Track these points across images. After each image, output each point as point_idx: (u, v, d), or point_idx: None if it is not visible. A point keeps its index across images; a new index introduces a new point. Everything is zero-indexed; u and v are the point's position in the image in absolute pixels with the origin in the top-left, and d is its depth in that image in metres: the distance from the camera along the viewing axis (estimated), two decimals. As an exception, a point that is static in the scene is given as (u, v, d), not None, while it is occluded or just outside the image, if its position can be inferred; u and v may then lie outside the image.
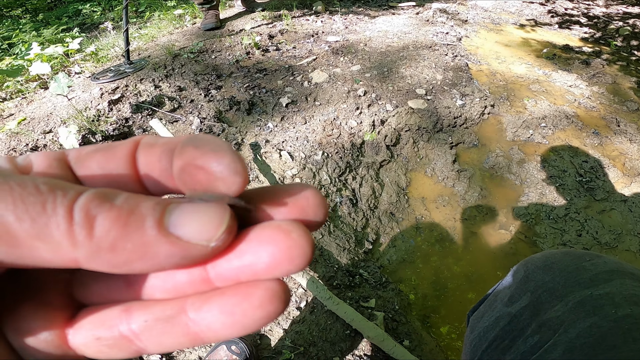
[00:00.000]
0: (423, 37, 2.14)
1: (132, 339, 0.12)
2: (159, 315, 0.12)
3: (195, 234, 0.11)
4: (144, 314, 0.12)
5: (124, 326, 0.12)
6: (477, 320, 0.48)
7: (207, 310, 0.12)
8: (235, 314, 0.12)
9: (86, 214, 0.10)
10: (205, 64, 2.00)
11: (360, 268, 1.20)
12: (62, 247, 0.10)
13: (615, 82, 1.97)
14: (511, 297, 0.44)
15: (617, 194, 1.42)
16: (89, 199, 0.11)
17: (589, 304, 0.36)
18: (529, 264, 0.46)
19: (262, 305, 0.12)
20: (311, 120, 1.53)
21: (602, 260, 0.41)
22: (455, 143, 1.56)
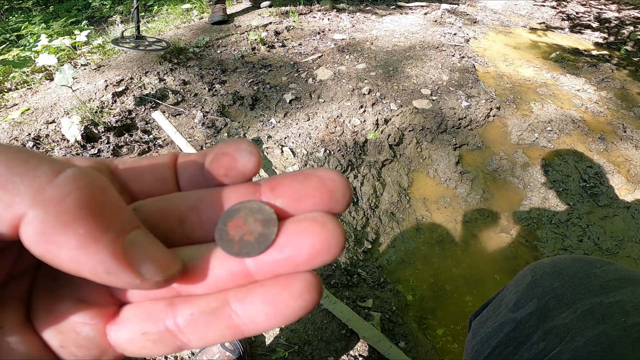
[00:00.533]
0: (430, 37, 2.12)
1: (177, 333, 0.13)
2: (204, 308, 0.13)
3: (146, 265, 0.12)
4: (189, 308, 0.13)
5: (169, 320, 0.13)
6: (479, 325, 0.47)
7: (250, 302, 0.12)
8: (277, 304, 0.12)
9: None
10: (211, 58, 2.00)
11: (358, 267, 1.19)
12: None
13: (624, 88, 1.94)
14: (517, 303, 0.43)
15: (620, 201, 1.41)
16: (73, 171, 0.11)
17: (598, 312, 0.35)
18: (537, 269, 0.45)
19: (302, 295, 0.12)
20: (314, 117, 1.53)
21: (613, 268, 0.40)
22: (459, 144, 1.55)
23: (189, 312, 0.13)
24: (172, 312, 0.13)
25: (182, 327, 0.13)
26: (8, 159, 0.10)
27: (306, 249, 0.12)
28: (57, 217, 0.10)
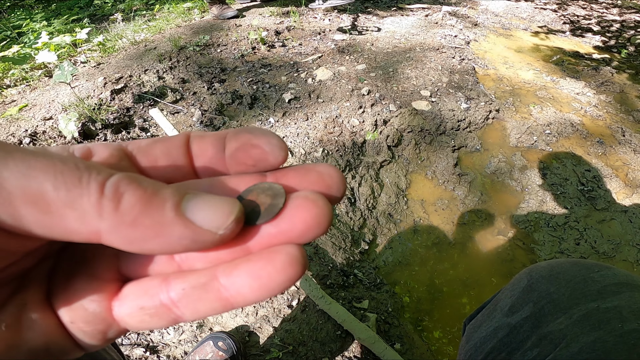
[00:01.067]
0: (431, 39, 2.12)
1: (171, 307, 0.14)
2: (194, 283, 0.13)
3: (207, 220, 0.12)
4: (181, 283, 0.13)
5: (164, 295, 0.14)
6: (474, 330, 0.46)
7: (236, 275, 0.13)
8: (261, 278, 0.13)
9: (116, 190, 0.12)
10: (211, 57, 2.00)
11: (355, 268, 1.19)
12: (89, 216, 0.11)
13: (623, 91, 1.94)
14: (512, 307, 0.42)
15: (617, 205, 1.40)
16: (120, 178, 0.12)
17: (594, 318, 0.34)
18: (533, 273, 0.44)
19: (285, 269, 0.13)
20: (313, 117, 1.53)
21: (611, 272, 0.39)
22: (457, 146, 1.55)
23: (181, 287, 0.13)
24: (166, 287, 0.14)
25: (175, 301, 0.13)
26: (66, 182, 0.11)
27: (300, 224, 0.13)
28: (129, 224, 0.12)
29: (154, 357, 0.90)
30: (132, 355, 0.89)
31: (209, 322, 0.98)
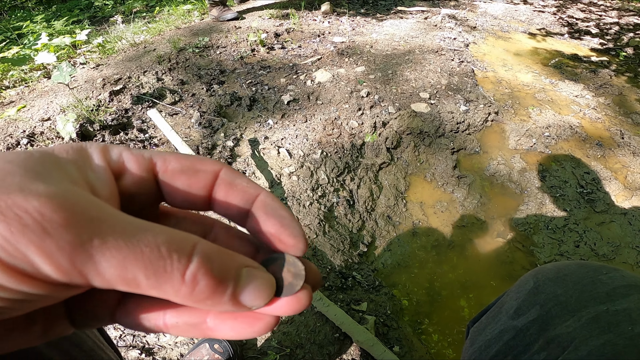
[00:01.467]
0: (430, 41, 2.13)
1: (163, 328, 0.17)
2: (187, 321, 0.16)
3: (250, 301, 0.16)
4: (176, 318, 0.16)
5: (159, 321, 0.17)
6: (478, 333, 0.45)
7: (222, 328, 0.16)
8: (240, 334, 0.17)
9: (194, 279, 0.14)
10: (210, 59, 2.00)
11: (353, 270, 1.18)
12: (168, 295, 0.14)
13: (622, 94, 1.94)
14: (518, 310, 0.41)
15: (617, 207, 1.40)
16: (198, 267, 0.14)
17: (604, 320, 0.34)
18: (539, 275, 0.43)
19: (260, 331, 0.17)
20: (312, 119, 1.52)
21: (619, 274, 0.38)
22: (456, 149, 1.54)
23: (175, 321, 0.16)
24: (163, 316, 0.16)
25: (167, 327, 0.17)
26: (155, 271, 0.14)
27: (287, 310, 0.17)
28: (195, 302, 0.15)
29: (149, 359, 0.89)
30: (128, 357, 0.88)
31: None
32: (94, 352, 0.38)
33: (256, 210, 0.17)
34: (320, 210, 1.25)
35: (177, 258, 0.14)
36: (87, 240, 0.12)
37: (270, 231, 0.17)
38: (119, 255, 0.13)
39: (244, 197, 0.18)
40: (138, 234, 0.13)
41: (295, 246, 0.17)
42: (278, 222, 0.17)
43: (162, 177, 0.17)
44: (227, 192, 0.18)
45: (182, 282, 0.14)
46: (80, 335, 0.37)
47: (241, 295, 0.15)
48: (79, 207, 0.13)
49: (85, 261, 0.12)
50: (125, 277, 0.13)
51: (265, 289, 0.16)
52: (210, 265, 0.14)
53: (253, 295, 0.15)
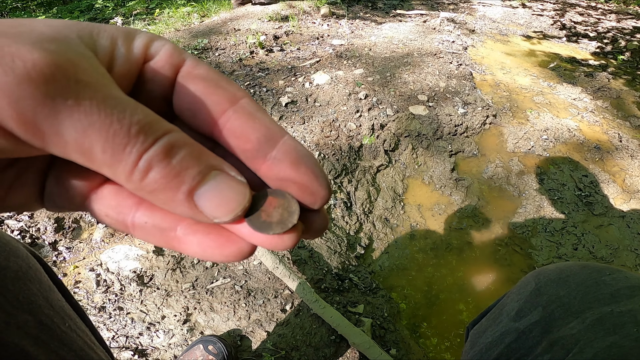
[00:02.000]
0: (428, 44, 2.13)
1: (129, 227, 0.15)
2: (156, 223, 0.15)
3: (209, 209, 0.14)
4: (146, 217, 0.15)
5: (129, 217, 0.15)
6: (478, 335, 0.45)
7: (189, 240, 0.15)
8: (207, 253, 0.15)
9: (148, 165, 0.13)
10: (208, 60, 2.00)
11: (350, 272, 1.18)
12: (119, 177, 0.13)
13: (620, 97, 1.95)
14: (519, 311, 0.40)
15: (615, 210, 1.40)
16: (156, 152, 0.13)
17: (608, 322, 0.33)
18: (540, 276, 0.42)
19: (229, 257, 0.15)
20: (310, 121, 1.53)
21: (623, 275, 0.38)
22: (454, 151, 1.55)
23: (144, 220, 0.15)
24: (134, 212, 0.15)
25: (134, 225, 0.15)
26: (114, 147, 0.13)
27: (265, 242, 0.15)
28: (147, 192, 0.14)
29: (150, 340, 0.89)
30: (121, 359, 0.88)
31: (199, 325, 0.96)
32: (83, 351, 0.37)
33: (283, 154, 0.15)
34: (318, 212, 1.25)
35: (142, 140, 0.13)
36: (61, 96, 0.12)
37: (300, 179, 0.15)
38: (85, 120, 0.12)
39: (266, 134, 0.15)
40: (118, 107, 0.13)
41: (325, 197, 0.15)
42: (311, 170, 0.15)
43: (182, 76, 0.16)
44: (245, 123, 0.15)
45: (134, 166, 0.13)
46: (69, 334, 0.36)
47: (198, 197, 0.13)
48: (74, 68, 0.13)
49: (49, 115, 0.12)
50: (82, 144, 0.12)
51: (231, 198, 0.14)
52: (171, 155, 0.13)
53: (213, 201, 0.14)
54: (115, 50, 0.15)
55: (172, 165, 0.13)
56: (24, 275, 0.34)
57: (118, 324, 0.93)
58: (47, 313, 0.34)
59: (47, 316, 0.34)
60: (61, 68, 0.12)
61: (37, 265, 0.37)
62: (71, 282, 1.00)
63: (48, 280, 0.38)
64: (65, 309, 0.38)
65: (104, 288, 0.99)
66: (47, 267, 0.40)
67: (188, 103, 0.16)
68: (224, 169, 0.14)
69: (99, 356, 0.40)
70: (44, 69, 0.12)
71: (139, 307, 0.96)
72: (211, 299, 0.99)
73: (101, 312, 0.95)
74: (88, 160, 0.13)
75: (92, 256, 1.07)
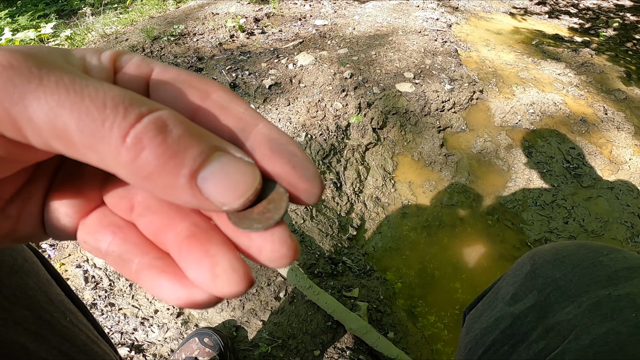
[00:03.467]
0: (413, 22, 2.09)
1: (104, 254, 0.15)
2: (120, 254, 0.14)
3: (216, 194, 0.12)
4: (116, 245, 0.14)
5: (104, 244, 0.15)
6: (474, 320, 0.43)
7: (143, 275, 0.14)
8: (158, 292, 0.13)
9: (137, 142, 0.11)
10: (187, 46, 1.92)
11: (343, 255, 1.14)
12: (107, 160, 0.12)
13: (603, 72, 1.96)
14: (514, 295, 0.39)
15: (603, 181, 1.41)
16: (146, 129, 0.11)
17: (606, 306, 0.31)
18: (536, 257, 0.41)
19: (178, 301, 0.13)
20: (295, 102, 1.47)
21: (621, 255, 0.36)
22: (442, 127, 1.52)
23: (112, 249, 0.14)
24: (109, 240, 0.15)
25: (107, 254, 0.15)
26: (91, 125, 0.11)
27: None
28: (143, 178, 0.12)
29: (140, 356, 0.86)
30: None
31: (194, 318, 0.94)
32: (87, 346, 0.35)
33: (257, 144, 0.13)
34: (307, 194, 1.21)
35: (122, 113, 0.11)
36: (24, 80, 0.11)
37: (276, 171, 0.13)
38: (52, 100, 0.11)
39: (239, 125, 0.14)
40: (89, 86, 0.11)
41: (309, 191, 0.13)
42: (287, 160, 0.13)
43: (154, 82, 0.15)
44: (218, 116, 0.14)
45: (121, 143, 0.11)
46: (71, 329, 0.34)
47: (202, 181, 0.12)
48: (35, 58, 0.12)
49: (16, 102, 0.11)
50: (56, 126, 0.11)
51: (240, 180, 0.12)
52: (166, 132, 0.11)
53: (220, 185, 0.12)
54: (86, 62, 0.15)
55: (168, 144, 0.11)
56: (20, 268, 0.32)
57: (111, 320, 0.91)
58: (46, 308, 0.33)
59: (47, 311, 0.33)
60: (22, 58, 0.12)
61: (33, 258, 0.35)
62: None
63: (46, 273, 0.36)
64: (65, 302, 0.36)
65: (93, 284, 0.96)
66: (44, 260, 0.38)
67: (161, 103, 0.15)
68: (229, 149, 0.13)
69: (103, 350, 0.39)
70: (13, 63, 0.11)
71: (130, 302, 0.94)
72: None
73: (93, 310, 0.93)
74: (68, 145, 0.11)
75: (78, 252, 1.04)
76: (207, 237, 0.13)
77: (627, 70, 2.00)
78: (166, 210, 0.14)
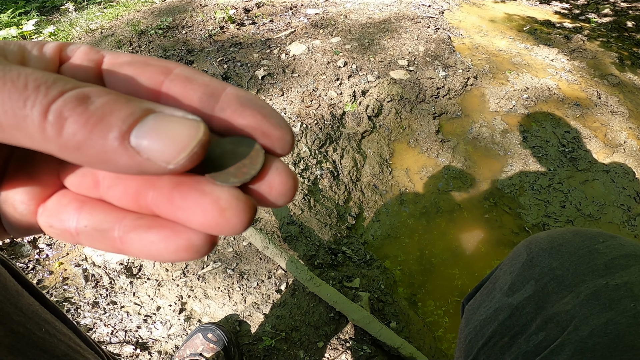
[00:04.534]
0: (405, 9, 2.07)
1: (74, 234, 0.14)
2: (95, 225, 0.14)
3: (156, 152, 0.11)
4: (87, 220, 0.14)
5: (71, 223, 0.14)
6: (472, 312, 0.42)
7: (130, 238, 0.13)
8: (151, 251, 0.13)
9: (59, 115, 0.11)
10: (175, 39, 1.87)
11: (343, 245, 1.13)
12: (36, 138, 0.12)
13: (596, 57, 1.96)
14: (512, 285, 0.38)
15: (599, 164, 1.41)
16: (66, 102, 0.11)
17: (604, 296, 0.31)
18: (532, 245, 0.40)
19: (177, 253, 0.13)
20: (289, 92, 1.45)
21: (617, 242, 0.35)
22: (438, 113, 1.51)
23: (84, 224, 0.14)
24: (76, 217, 0.14)
25: (77, 232, 0.14)
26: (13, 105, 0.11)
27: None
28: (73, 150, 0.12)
29: (145, 354, 0.85)
30: (123, 354, 0.85)
31: (196, 313, 0.93)
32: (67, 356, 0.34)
33: (226, 103, 0.14)
34: (304, 184, 1.19)
35: (44, 92, 0.11)
36: None
37: (248, 124, 0.14)
38: None
39: (206, 91, 0.14)
40: (12, 71, 0.11)
41: (282, 138, 0.14)
42: (257, 111, 0.14)
43: (107, 67, 0.15)
44: (183, 86, 0.14)
45: (44, 119, 0.11)
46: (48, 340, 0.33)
47: (137, 139, 0.11)
48: None
49: None
50: None
51: (181, 132, 0.11)
52: (87, 102, 0.11)
53: (158, 140, 0.11)
54: (25, 53, 0.14)
55: (91, 111, 0.11)
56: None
57: (114, 318, 0.90)
58: (17, 320, 0.32)
59: (19, 323, 0.32)
60: None
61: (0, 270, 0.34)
62: (59, 279, 0.96)
63: (15, 284, 0.35)
64: (39, 313, 0.35)
65: (93, 283, 0.95)
66: (13, 270, 0.36)
67: (121, 87, 0.14)
68: (164, 110, 0.12)
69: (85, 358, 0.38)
70: None
71: (132, 299, 0.93)
72: (204, 285, 0.96)
73: (95, 308, 0.91)
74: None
75: (76, 251, 1.02)
76: (195, 181, 0.13)
77: (619, 55, 2.00)
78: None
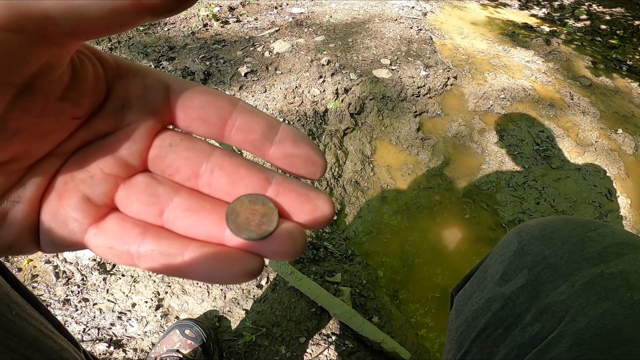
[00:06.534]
0: (389, 10, 2.11)
1: (135, 258, 0.15)
2: (163, 250, 0.15)
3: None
4: (153, 245, 0.15)
5: (134, 246, 0.15)
6: (463, 302, 0.41)
7: (197, 263, 0.14)
8: (215, 275, 0.14)
9: None
10: (157, 36, 1.85)
11: (324, 240, 1.15)
12: None
13: (570, 60, 2.04)
14: (504, 275, 0.37)
15: (571, 163, 1.47)
16: None
17: (599, 286, 0.30)
18: (523, 233, 0.39)
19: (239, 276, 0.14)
20: (272, 89, 1.45)
21: (609, 230, 0.35)
22: (419, 112, 1.55)
23: (150, 248, 0.15)
24: (140, 241, 0.15)
25: (140, 256, 0.15)
26: None
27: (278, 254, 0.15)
28: None
29: (120, 352, 0.83)
30: (96, 352, 0.83)
31: (174, 310, 0.91)
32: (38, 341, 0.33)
33: (284, 135, 0.17)
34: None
35: None
36: None
37: (300, 153, 0.17)
38: None
39: (267, 124, 0.17)
40: None
41: (322, 165, 0.17)
42: (307, 144, 0.17)
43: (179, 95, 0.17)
44: (249, 118, 0.17)
45: None
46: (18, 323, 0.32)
47: None
48: None
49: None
50: None
51: None
52: None
53: None
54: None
55: None
56: None
57: (86, 316, 0.88)
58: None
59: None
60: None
61: None
62: (28, 276, 0.93)
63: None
64: (10, 295, 0.34)
65: (64, 280, 0.92)
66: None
67: (197, 113, 0.16)
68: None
69: (58, 345, 0.36)
70: None
71: (105, 296, 0.91)
72: (182, 281, 0.95)
73: (66, 306, 0.89)
74: None
75: None
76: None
77: (592, 58, 2.09)
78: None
